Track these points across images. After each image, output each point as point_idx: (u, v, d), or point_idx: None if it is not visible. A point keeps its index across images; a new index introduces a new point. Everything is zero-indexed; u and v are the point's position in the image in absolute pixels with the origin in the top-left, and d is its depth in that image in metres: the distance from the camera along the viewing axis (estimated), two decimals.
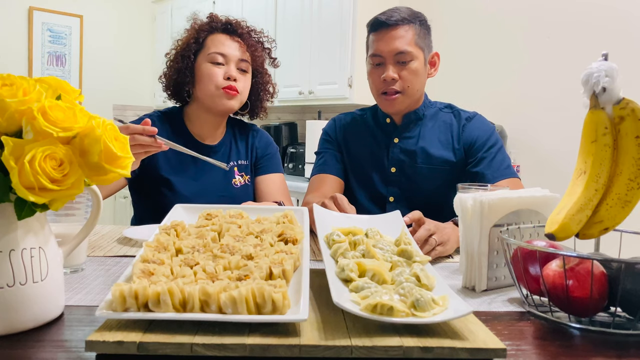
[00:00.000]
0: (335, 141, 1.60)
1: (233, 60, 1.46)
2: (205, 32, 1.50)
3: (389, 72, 1.40)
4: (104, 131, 0.64)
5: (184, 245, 0.78)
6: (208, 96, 1.46)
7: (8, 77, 0.62)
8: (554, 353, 0.63)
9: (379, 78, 1.43)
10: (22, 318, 0.63)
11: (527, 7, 2.72)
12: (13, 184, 0.58)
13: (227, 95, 1.45)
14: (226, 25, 1.50)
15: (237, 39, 1.49)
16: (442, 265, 1.06)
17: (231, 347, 0.56)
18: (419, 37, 1.42)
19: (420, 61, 1.43)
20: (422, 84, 1.47)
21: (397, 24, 1.40)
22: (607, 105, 0.75)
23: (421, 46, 1.43)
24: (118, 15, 4.87)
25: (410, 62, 1.40)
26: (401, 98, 1.43)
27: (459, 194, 0.92)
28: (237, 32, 1.50)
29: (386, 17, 1.41)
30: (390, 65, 1.41)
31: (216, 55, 1.45)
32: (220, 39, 1.48)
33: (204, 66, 1.46)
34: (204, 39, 1.49)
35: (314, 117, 3.66)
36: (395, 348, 0.57)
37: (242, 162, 1.59)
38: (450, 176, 1.47)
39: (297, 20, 3.54)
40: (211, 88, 1.45)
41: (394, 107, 1.46)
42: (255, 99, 1.60)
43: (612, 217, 0.74)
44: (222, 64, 1.46)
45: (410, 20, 1.41)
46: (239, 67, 1.47)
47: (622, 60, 0.93)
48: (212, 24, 1.51)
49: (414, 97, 1.46)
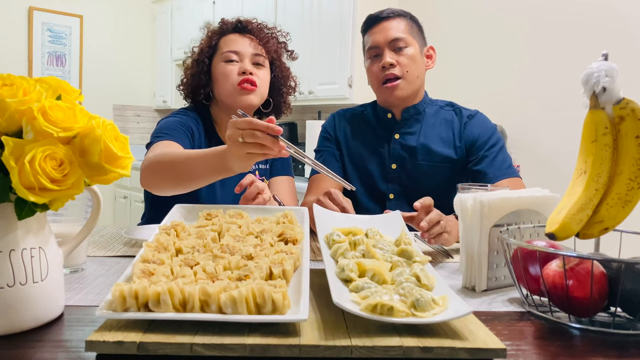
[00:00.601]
0: (335, 138, 1.60)
1: (247, 56, 1.45)
2: (217, 35, 1.50)
3: (387, 58, 1.44)
4: (104, 131, 0.64)
5: (184, 246, 0.78)
6: (227, 95, 1.45)
7: (8, 77, 0.62)
8: (554, 353, 0.63)
9: (378, 68, 1.46)
10: (22, 318, 0.63)
11: (527, 7, 2.72)
12: (13, 184, 0.58)
13: (245, 90, 1.42)
14: (236, 25, 1.50)
15: (249, 36, 1.48)
16: (442, 265, 1.06)
17: (231, 347, 0.56)
18: (411, 29, 1.48)
19: (416, 49, 1.47)
20: (421, 72, 1.50)
21: (389, 17, 1.48)
22: (607, 105, 0.75)
23: (414, 37, 1.48)
24: (118, 15, 4.87)
25: (405, 49, 1.45)
26: (402, 83, 1.45)
27: (459, 194, 0.92)
28: (248, 28, 1.49)
29: (377, 13, 1.50)
30: (387, 52, 1.45)
31: (229, 53, 1.45)
32: (232, 38, 1.48)
33: (219, 66, 1.45)
34: (217, 41, 1.49)
35: (314, 117, 3.66)
36: (395, 348, 0.57)
37: (262, 167, 1.57)
38: (451, 174, 1.48)
39: (297, 20, 3.54)
40: (228, 86, 1.43)
41: (395, 93, 1.46)
42: (276, 94, 1.57)
43: (612, 217, 0.74)
44: (236, 61, 1.45)
45: (401, 14, 1.49)
46: (254, 62, 1.46)
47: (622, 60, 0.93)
48: (223, 27, 1.51)
49: (414, 84, 1.48)
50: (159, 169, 1.14)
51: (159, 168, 1.14)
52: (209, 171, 1.04)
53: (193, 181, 1.09)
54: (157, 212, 1.48)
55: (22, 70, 4.31)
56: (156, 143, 1.30)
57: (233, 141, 0.91)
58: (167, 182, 1.14)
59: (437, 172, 1.48)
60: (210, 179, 1.08)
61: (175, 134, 1.36)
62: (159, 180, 1.16)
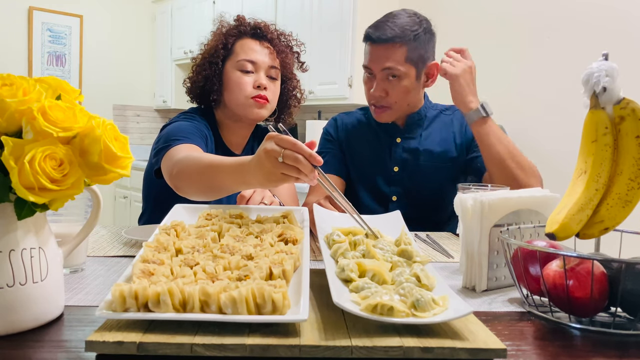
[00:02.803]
0: (337, 140, 1.60)
1: (263, 68, 1.41)
2: (233, 37, 1.44)
3: (376, 90, 1.41)
4: (104, 131, 0.64)
5: (184, 246, 0.78)
6: (238, 105, 1.42)
7: (8, 77, 0.62)
8: (554, 353, 0.63)
9: (369, 90, 1.45)
10: (22, 318, 0.63)
11: (527, 7, 2.72)
12: (13, 184, 0.58)
13: (257, 104, 1.40)
14: (255, 30, 1.45)
15: (267, 45, 1.43)
16: (442, 265, 1.06)
17: (231, 347, 0.56)
18: (411, 53, 1.38)
19: (411, 78, 1.41)
20: (414, 98, 1.47)
21: (387, 42, 1.37)
22: (608, 105, 0.75)
23: (414, 62, 1.39)
24: (118, 15, 4.87)
25: (398, 79, 1.39)
26: (389, 112, 1.45)
27: (459, 194, 0.92)
28: (267, 37, 1.44)
29: (378, 34, 1.38)
30: (379, 80, 1.41)
31: (245, 62, 1.40)
32: (249, 44, 1.43)
33: (233, 74, 1.41)
34: (232, 44, 1.44)
35: (314, 117, 3.66)
36: (396, 348, 0.57)
37: None
38: (453, 173, 1.49)
39: (297, 20, 3.54)
40: (241, 98, 1.40)
41: (381, 118, 1.47)
42: (282, 105, 1.55)
43: (612, 217, 0.74)
44: (251, 72, 1.41)
45: (403, 38, 1.36)
46: (268, 75, 1.43)
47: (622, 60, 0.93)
48: (240, 28, 1.45)
49: (404, 111, 1.48)
50: (190, 175, 1.09)
51: (190, 175, 1.09)
52: (232, 182, 0.98)
53: (222, 191, 1.05)
54: (157, 211, 1.48)
55: (22, 70, 4.31)
56: (177, 146, 1.23)
57: (271, 157, 0.83)
58: (197, 191, 1.10)
59: (439, 172, 1.49)
60: (232, 191, 1.03)
61: (194, 138, 1.30)
62: (190, 188, 1.11)
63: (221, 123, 1.51)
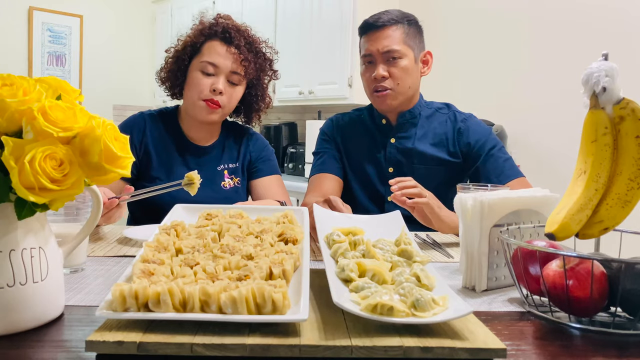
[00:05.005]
0: (334, 141, 1.61)
1: (224, 72, 1.43)
2: (204, 37, 1.47)
3: (379, 70, 1.45)
4: (104, 131, 0.64)
5: (184, 245, 0.78)
6: (190, 105, 1.47)
7: (8, 77, 0.62)
8: (554, 353, 0.63)
9: (371, 76, 1.47)
10: (22, 318, 0.63)
11: (527, 7, 2.72)
12: (13, 184, 0.58)
13: (208, 108, 1.43)
14: (224, 34, 1.45)
15: (234, 50, 1.44)
16: (442, 265, 1.06)
17: (231, 347, 0.56)
18: (407, 37, 1.46)
19: (410, 59, 1.46)
20: (414, 82, 1.49)
21: (384, 25, 1.45)
22: (607, 105, 0.75)
23: (410, 45, 1.46)
24: (118, 15, 4.87)
25: (399, 60, 1.44)
26: (392, 94, 1.46)
27: (459, 194, 0.92)
28: (234, 42, 1.44)
29: (374, 19, 1.46)
30: (380, 63, 1.45)
31: (207, 65, 1.42)
32: (216, 47, 1.44)
33: (194, 74, 1.44)
34: (201, 44, 1.47)
35: (314, 117, 3.66)
36: (396, 348, 0.57)
37: (232, 165, 1.57)
38: (447, 176, 1.49)
39: (297, 20, 3.54)
40: (194, 98, 1.44)
41: (385, 103, 1.48)
42: (247, 108, 1.58)
43: (612, 217, 0.74)
44: (212, 74, 1.43)
45: (398, 21, 1.45)
46: (229, 80, 1.44)
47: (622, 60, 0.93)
48: (213, 29, 1.47)
49: (406, 94, 1.48)
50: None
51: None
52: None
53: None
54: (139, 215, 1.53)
55: (22, 70, 4.31)
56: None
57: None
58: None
59: (433, 175, 1.50)
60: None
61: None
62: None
63: (183, 117, 1.55)
